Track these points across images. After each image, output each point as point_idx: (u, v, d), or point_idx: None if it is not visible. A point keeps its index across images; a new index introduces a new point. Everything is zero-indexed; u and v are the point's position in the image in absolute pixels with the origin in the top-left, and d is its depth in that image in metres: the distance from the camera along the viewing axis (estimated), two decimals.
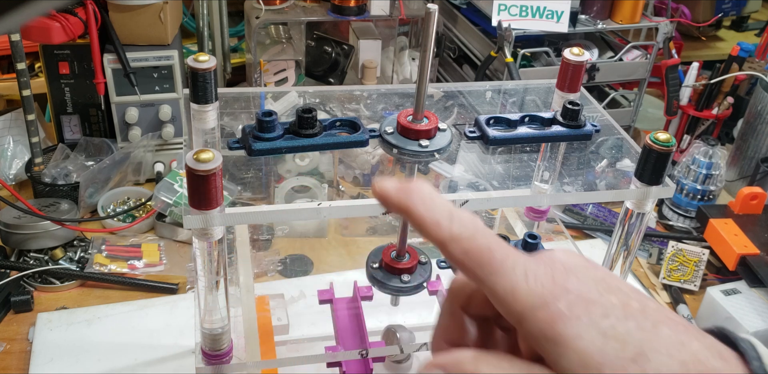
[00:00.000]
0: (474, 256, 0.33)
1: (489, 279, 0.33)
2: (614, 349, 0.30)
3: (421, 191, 0.35)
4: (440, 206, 0.35)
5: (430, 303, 0.87)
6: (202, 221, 0.57)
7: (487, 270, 0.33)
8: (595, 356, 0.30)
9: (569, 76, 0.74)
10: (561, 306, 0.31)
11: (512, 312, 0.32)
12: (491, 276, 0.33)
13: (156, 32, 1.23)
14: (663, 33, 1.40)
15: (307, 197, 1.26)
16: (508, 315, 0.33)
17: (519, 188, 0.88)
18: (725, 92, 1.50)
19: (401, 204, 0.35)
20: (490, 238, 0.34)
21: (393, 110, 0.71)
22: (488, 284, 0.33)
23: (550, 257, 0.34)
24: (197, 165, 0.53)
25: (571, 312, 0.31)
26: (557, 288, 0.32)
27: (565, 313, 0.31)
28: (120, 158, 1.27)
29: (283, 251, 1.20)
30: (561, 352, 0.30)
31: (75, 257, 1.16)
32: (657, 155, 0.62)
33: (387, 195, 0.36)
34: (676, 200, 1.32)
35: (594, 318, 0.31)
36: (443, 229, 0.34)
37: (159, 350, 1.00)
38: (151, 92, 1.26)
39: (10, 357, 0.99)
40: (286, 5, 1.35)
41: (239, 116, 0.81)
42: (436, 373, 0.34)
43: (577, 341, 0.30)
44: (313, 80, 1.45)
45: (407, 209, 0.35)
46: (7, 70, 1.34)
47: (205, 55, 0.60)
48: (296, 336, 0.92)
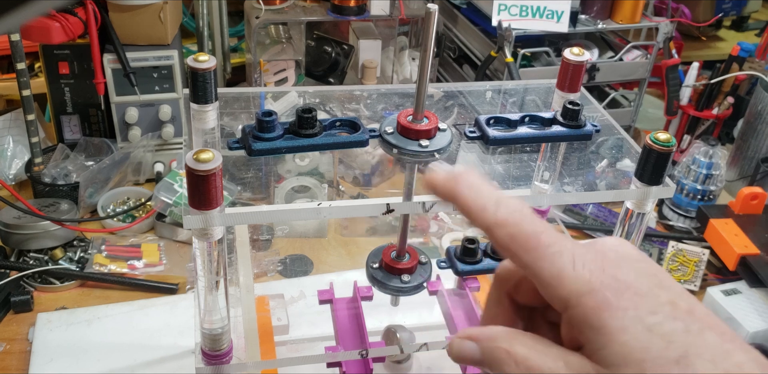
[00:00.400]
0: (520, 241, 0.33)
1: (535, 264, 0.32)
2: (658, 348, 0.29)
3: (468, 178, 0.36)
4: (487, 193, 0.35)
5: (430, 303, 0.87)
6: (202, 221, 0.57)
7: (533, 255, 0.32)
8: (637, 351, 0.29)
9: (569, 76, 0.74)
10: (608, 295, 0.30)
11: (557, 297, 0.32)
12: (537, 261, 0.32)
13: (156, 32, 1.23)
14: (663, 33, 1.40)
15: (307, 197, 1.26)
16: (553, 301, 0.32)
17: (519, 188, 0.88)
18: (725, 92, 1.50)
19: (449, 191, 0.36)
20: (537, 224, 0.33)
21: (393, 110, 0.70)
22: (534, 269, 0.32)
23: (602, 245, 0.33)
24: (197, 165, 0.53)
25: (619, 302, 0.30)
26: (606, 276, 0.31)
27: (612, 303, 0.30)
28: (120, 158, 1.27)
29: (283, 251, 1.20)
30: (603, 342, 0.30)
31: (75, 257, 1.16)
32: (657, 155, 0.62)
33: (435, 182, 0.36)
34: (676, 200, 1.32)
35: (641, 313, 0.30)
36: (489, 214, 0.34)
37: (159, 350, 1.00)
38: (151, 92, 1.26)
39: (9, 357, 0.99)
40: (286, 5, 1.35)
41: (239, 116, 0.81)
42: (467, 344, 0.33)
43: (622, 333, 0.30)
44: (313, 80, 1.45)
45: (454, 195, 0.35)
46: (7, 70, 1.34)
47: (205, 55, 0.60)
48: (296, 336, 0.92)
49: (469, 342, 0.33)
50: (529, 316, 0.37)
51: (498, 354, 0.32)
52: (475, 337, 0.33)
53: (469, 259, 0.75)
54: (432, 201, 0.63)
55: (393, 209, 0.62)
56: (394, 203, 0.63)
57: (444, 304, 0.84)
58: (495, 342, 0.33)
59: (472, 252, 0.75)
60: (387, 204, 0.62)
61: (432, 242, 1.24)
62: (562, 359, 0.31)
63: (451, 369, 0.87)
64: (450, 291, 0.86)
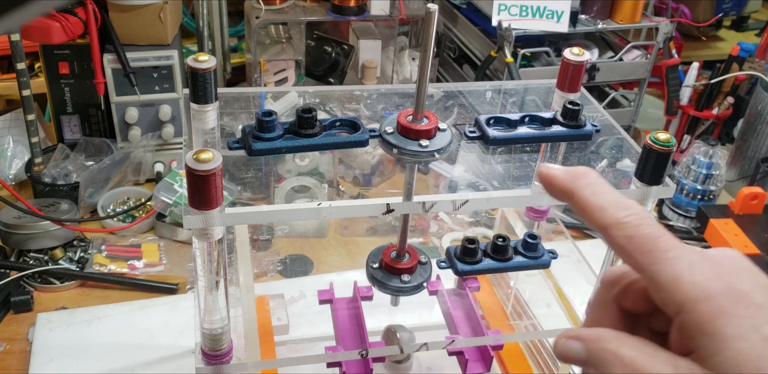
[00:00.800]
0: (638, 243, 0.33)
1: (651, 268, 0.32)
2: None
3: (588, 177, 0.36)
4: (607, 193, 0.35)
5: (430, 303, 0.87)
6: (202, 221, 0.57)
7: (650, 258, 0.32)
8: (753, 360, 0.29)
9: (569, 76, 0.74)
10: (724, 303, 0.31)
11: (672, 301, 0.32)
12: (654, 265, 0.32)
13: (156, 32, 1.23)
14: (663, 33, 1.40)
15: (307, 197, 1.26)
16: (666, 305, 0.32)
17: (519, 188, 0.88)
18: (725, 92, 1.50)
19: (566, 188, 0.36)
20: (655, 227, 0.33)
21: (393, 110, 0.70)
22: (650, 272, 0.32)
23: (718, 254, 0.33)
24: (197, 165, 0.53)
25: (735, 310, 0.30)
26: (722, 284, 0.31)
27: (729, 310, 0.30)
28: (120, 158, 1.27)
29: (283, 251, 1.20)
30: (718, 349, 0.30)
31: (75, 257, 1.16)
32: (657, 155, 0.62)
33: (552, 178, 0.36)
34: (676, 200, 1.32)
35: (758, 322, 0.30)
36: (608, 215, 0.34)
37: (159, 350, 1.00)
38: (151, 92, 1.26)
39: (9, 357, 0.99)
40: (286, 5, 1.35)
41: (239, 116, 0.81)
42: (572, 344, 0.33)
43: (738, 341, 0.30)
44: (313, 80, 1.45)
45: (572, 193, 0.35)
46: (7, 70, 1.34)
47: (205, 55, 0.60)
48: (296, 336, 0.92)
49: (574, 342, 0.34)
50: (633, 322, 0.37)
51: (604, 355, 0.32)
52: (582, 337, 0.33)
53: (469, 259, 0.75)
54: (432, 201, 0.63)
55: (393, 209, 0.62)
56: (394, 203, 0.63)
57: (444, 304, 0.84)
58: (602, 343, 0.33)
59: (472, 252, 0.75)
60: (387, 204, 0.62)
61: (432, 242, 1.25)
62: (671, 363, 0.31)
63: (451, 369, 0.87)
64: (450, 291, 0.86)
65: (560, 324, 0.80)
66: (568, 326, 0.79)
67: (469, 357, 0.80)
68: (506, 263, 0.76)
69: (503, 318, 0.92)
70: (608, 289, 0.37)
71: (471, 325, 0.81)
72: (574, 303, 0.82)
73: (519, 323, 0.91)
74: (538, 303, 0.90)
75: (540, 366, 0.90)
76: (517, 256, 0.77)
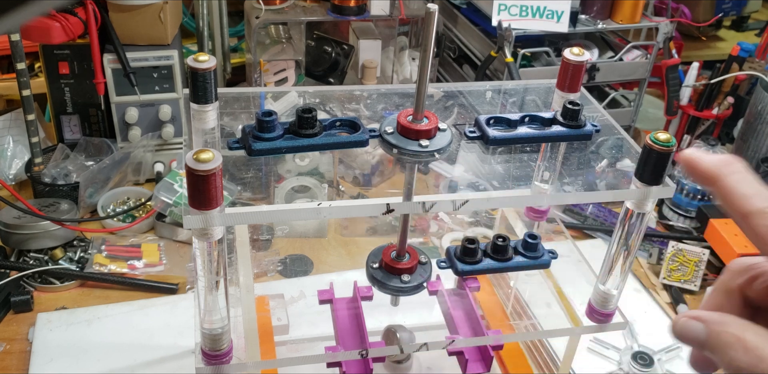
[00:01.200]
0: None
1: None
2: None
3: (735, 165, 0.36)
4: (753, 182, 0.35)
5: (430, 303, 0.87)
6: (202, 221, 0.57)
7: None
8: None
9: (569, 76, 0.74)
10: None
11: None
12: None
13: (156, 32, 1.23)
14: (663, 33, 1.40)
15: (307, 197, 1.26)
16: None
17: (519, 188, 0.88)
18: (725, 92, 1.50)
19: (712, 173, 0.36)
20: None
21: (393, 110, 0.70)
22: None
23: None
24: (197, 165, 0.53)
25: None
26: None
27: None
28: (120, 158, 1.27)
29: (283, 251, 1.20)
30: None
31: (75, 257, 1.16)
32: (657, 155, 0.62)
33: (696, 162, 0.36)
34: (676, 200, 1.32)
35: None
36: (751, 202, 0.34)
37: (159, 350, 1.00)
38: (151, 92, 1.26)
39: (9, 357, 0.99)
40: (286, 5, 1.35)
41: (239, 116, 0.81)
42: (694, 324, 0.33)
43: None
44: (313, 80, 1.45)
45: (716, 178, 0.36)
46: (7, 70, 1.34)
47: (205, 55, 0.60)
48: (296, 336, 0.92)
49: (696, 323, 0.34)
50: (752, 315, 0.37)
51: (726, 338, 0.32)
52: (704, 319, 0.33)
53: (469, 259, 0.75)
54: (432, 201, 0.63)
55: (393, 209, 0.62)
56: (394, 203, 0.63)
57: (444, 304, 0.84)
58: (725, 327, 0.33)
59: (472, 252, 0.75)
60: (387, 204, 0.62)
61: (432, 242, 1.25)
62: None
63: (451, 369, 0.87)
64: (450, 291, 0.86)
65: (560, 324, 0.80)
66: (568, 326, 0.79)
67: (469, 357, 0.80)
68: (506, 263, 0.76)
69: (503, 318, 0.92)
70: (734, 277, 0.37)
71: (471, 325, 0.81)
72: (574, 303, 0.82)
73: (519, 323, 0.91)
74: (538, 303, 0.89)
75: (540, 366, 0.90)
76: (517, 256, 0.77)
